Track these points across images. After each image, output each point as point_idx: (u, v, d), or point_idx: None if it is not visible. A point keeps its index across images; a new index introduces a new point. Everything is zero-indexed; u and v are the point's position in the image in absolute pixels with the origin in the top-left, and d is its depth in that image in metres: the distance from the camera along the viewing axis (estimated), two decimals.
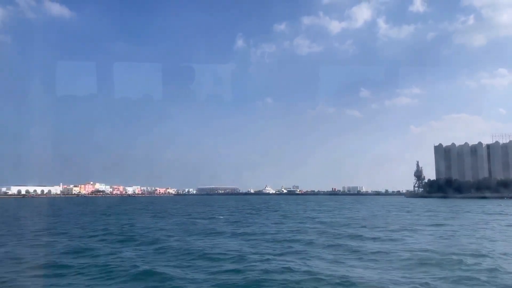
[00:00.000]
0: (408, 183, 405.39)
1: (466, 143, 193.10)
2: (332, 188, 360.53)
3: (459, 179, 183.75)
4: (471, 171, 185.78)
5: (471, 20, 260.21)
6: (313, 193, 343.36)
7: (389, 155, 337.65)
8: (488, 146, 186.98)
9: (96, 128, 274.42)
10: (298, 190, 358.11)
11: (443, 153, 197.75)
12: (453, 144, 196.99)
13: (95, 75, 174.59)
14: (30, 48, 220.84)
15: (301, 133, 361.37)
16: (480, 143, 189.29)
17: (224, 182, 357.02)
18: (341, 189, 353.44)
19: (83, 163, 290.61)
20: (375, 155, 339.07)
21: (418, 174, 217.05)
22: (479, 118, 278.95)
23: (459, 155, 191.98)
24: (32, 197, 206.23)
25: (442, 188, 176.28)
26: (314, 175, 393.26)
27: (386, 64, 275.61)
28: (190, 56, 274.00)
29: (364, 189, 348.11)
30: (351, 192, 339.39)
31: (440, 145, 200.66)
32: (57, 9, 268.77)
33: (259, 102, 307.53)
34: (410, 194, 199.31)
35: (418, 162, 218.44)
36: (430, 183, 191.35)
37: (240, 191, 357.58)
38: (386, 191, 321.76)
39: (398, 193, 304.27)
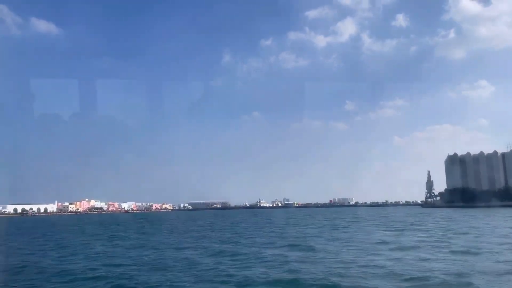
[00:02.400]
0: (404, 194, 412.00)
1: (481, 152, 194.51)
2: (330, 200, 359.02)
3: (477, 188, 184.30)
4: (487, 181, 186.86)
5: (451, 34, 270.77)
6: (309, 206, 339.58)
7: (380, 167, 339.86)
8: (503, 154, 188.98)
9: (86, 145, 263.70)
10: (296, 203, 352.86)
11: (458, 163, 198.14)
12: (468, 154, 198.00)
13: (80, 92, 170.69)
14: (18, 65, 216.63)
15: (288, 147, 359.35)
16: (495, 152, 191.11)
17: (215, 196, 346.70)
18: (332, 201, 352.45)
19: (75, 180, 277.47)
20: (364, 166, 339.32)
21: (430, 185, 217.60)
22: (461, 128, 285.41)
23: (475, 164, 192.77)
24: (33, 215, 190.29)
25: (464, 198, 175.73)
26: (305, 188, 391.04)
27: (370, 77, 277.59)
28: (177, 72, 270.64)
29: (354, 200, 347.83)
30: (345, 204, 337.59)
31: (455, 154, 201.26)
32: (43, 26, 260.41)
33: (246, 116, 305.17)
34: (429, 205, 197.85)
35: (429, 172, 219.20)
36: (450, 192, 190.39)
37: (233, 206, 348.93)
38: (386, 202, 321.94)
39: (397, 204, 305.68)
